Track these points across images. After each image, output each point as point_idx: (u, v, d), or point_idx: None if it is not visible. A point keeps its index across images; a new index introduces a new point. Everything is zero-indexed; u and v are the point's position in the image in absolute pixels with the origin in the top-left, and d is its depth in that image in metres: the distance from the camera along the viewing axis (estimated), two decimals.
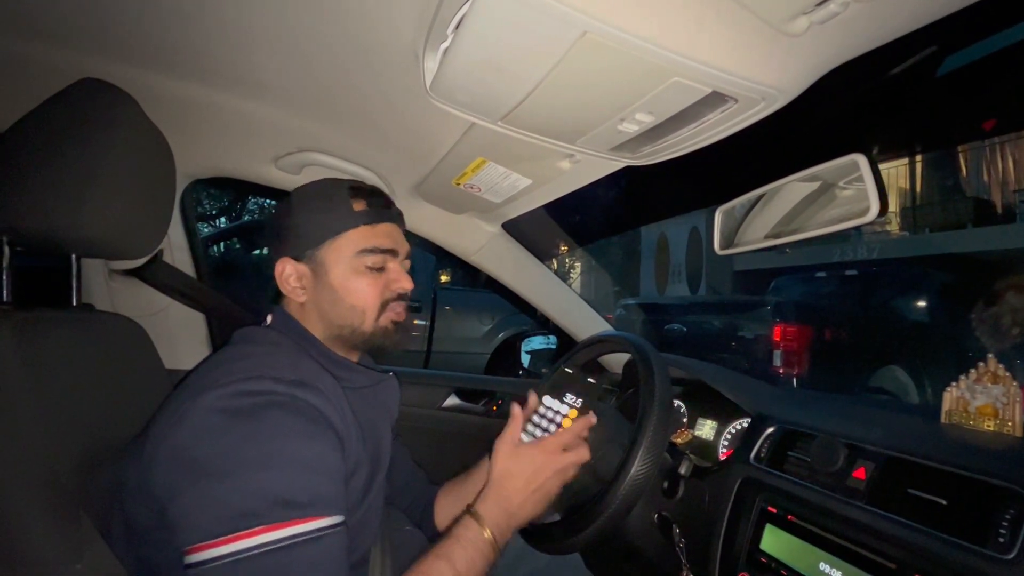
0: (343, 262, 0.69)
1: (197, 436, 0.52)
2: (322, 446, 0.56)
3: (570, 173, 0.82)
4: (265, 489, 0.50)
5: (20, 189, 0.59)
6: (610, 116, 0.57)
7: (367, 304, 0.69)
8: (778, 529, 0.71)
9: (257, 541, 0.48)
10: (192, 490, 0.50)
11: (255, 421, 0.53)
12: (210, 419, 0.53)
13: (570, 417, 0.80)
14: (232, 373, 0.56)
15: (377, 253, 0.70)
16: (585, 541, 0.75)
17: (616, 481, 0.73)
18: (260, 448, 0.52)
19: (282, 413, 0.55)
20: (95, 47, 0.74)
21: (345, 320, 0.69)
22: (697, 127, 0.58)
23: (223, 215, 8.45)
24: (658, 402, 0.76)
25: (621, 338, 0.96)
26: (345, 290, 0.69)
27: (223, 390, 0.54)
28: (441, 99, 0.60)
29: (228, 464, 0.51)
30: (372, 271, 0.70)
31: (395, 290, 0.72)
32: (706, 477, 0.84)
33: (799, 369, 3.76)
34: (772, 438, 0.81)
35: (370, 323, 0.70)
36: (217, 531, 0.48)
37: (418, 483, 0.95)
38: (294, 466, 0.53)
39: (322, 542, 0.51)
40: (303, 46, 0.69)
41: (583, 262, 11.42)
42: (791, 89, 0.52)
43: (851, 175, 0.65)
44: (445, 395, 1.42)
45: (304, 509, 0.51)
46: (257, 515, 0.49)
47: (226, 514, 0.49)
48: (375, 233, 0.70)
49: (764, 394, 0.99)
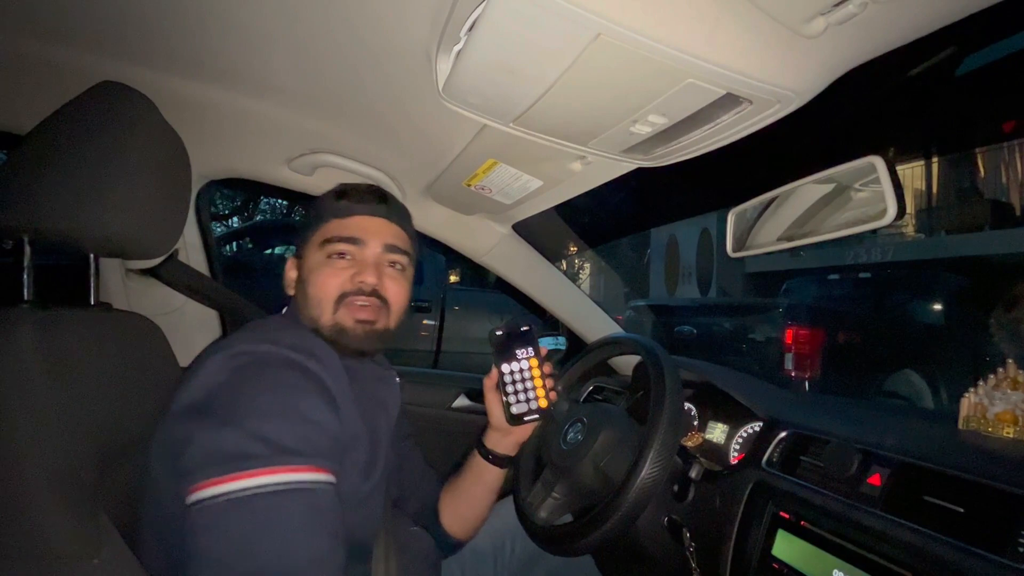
0: (312, 254, 0.73)
1: (204, 388, 0.57)
2: (317, 401, 0.58)
3: (581, 175, 0.81)
4: (264, 434, 0.53)
5: (41, 190, 0.60)
6: (623, 118, 0.57)
7: (323, 294, 0.70)
8: (790, 535, 0.70)
9: (257, 482, 0.50)
10: (198, 435, 0.53)
11: (256, 375, 0.57)
12: (215, 375, 0.57)
13: (534, 366, 0.85)
14: (236, 339, 0.61)
15: (336, 242, 0.71)
16: (595, 543, 0.75)
17: (627, 484, 0.73)
18: (261, 398, 0.55)
19: (280, 369, 0.58)
20: (114, 50, 0.75)
21: (310, 312, 0.71)
22: (711, 129, 0.57)
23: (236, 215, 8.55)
24: (669, 405, 0.76)
25: (631, 340, 0.96)
26: (310, 281, 0.71)
27: (227, 351, 0.59)
28: (453, 101, 0.61)
29: (229, 411, 0.54)
30: (334, 260, 0.71)
31: (356, 282, 0.70)
32: (717, 481, 0.83)
33: (811, 372, 3.72)
34: (785, 443, 0.80)
35: (328, 316, 0.69)
36: (216, 471, 0.51)
37: (428, 485, 0.95)
38: (292, 416, 0.55)
39: (318, 493, 0.53)
40: (317, 48, 0.69)
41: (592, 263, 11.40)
42: (807, 91, 0.51)
43: (867, 177, 0.64)
44: (455, 396, 1.42)
45: (300, 457, 0.53)
46: (255, 457, 0.51)
47: (225, 456, 0.51)
48: (343, 225, 0.73)
49: (776, 398, 0.98)
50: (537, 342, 0.86)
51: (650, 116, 0.55)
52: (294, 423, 0.55)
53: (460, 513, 0.92)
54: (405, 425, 0.96)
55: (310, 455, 0.54)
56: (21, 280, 0.62)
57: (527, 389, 0.84)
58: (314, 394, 0.59)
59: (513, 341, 0.86)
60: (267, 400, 0.55)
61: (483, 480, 0.90)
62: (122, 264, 1.00)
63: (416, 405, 1.37)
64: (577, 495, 0.85)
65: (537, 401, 0.84)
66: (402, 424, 0.94)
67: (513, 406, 0.83)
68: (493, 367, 0.86)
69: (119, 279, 1.01)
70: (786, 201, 0.75)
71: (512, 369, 0.85)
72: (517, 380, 0.84)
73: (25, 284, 0.62)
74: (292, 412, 0.56)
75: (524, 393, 0.84)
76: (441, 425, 1.38)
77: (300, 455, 0.53)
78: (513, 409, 0.83)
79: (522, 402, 0.84)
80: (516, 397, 0.84)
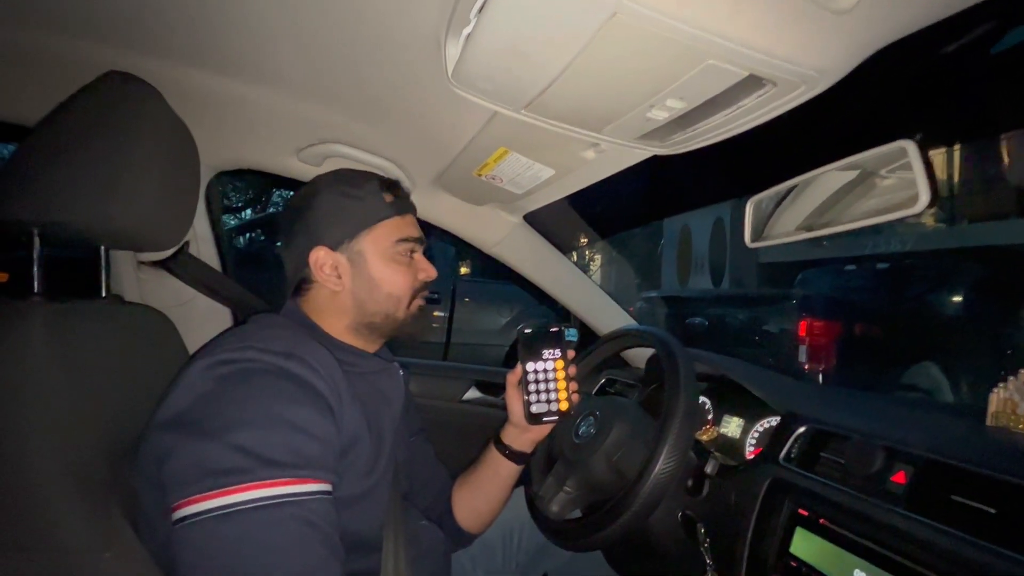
0: (379, 252, 0.72)
1: (186, 400, 0.55)
2: (308, 410, 0.56)
3: (594, 163, 0.79)
4: (249, 448, 0.51)
5: (49, 182, 0.60)
6: (639, 103, 0.55)
7: (402, 292, 0.73)
8: (809, 533, 0.68)
9: (242, 497, 0.49)
10: (180, 449, 0.52)
11: (241, 384, 0.55)
12: (198, 384, 0.55)
13: (559, 368, 0.83)
14: (222, 344, 0.59)
15: (410, 242, 0.74)
16: (607, 539, 0.74)
17: (640, 478, 0.71)
18: (245, 409, 0.53)
19: (267, 378, 0.56)
20: (119, 41, 0.74)
21: (380, 308, 0.73)
22: (731, 113, 0.55)
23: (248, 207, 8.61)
24: (683, 398, 0.74)
25: (645, 332, 0.94)
26: (383, 279, 0.72)
27: (210, 359, 0.57)
28: (463, 87, 0.59)
29: (214, 424, 0.52)
30: (405, 260, 0.74)
31: (422, 279, 0.76)
32: (733, 476, 0.81)
33: (826, 365, 3.66)
34: (803, 438, 0.78)
35: (403, 310, 0.74)
36: (203, 487, 0.49)
37: (440, 479, 0.95)
38: (279, 427, 0.53)
39: (308, 505, 0.52)
40: (324, 36, 0.68)
41: (603, 254, 11.31)
42: (834, 71, 0.48)
43: (895, 163, 0.61)
44: (465, 388, 1.41)
45: (289, 469, 0.52)
46: (243, 472, 0.50)
47: (212, 471, 0.50)
48: (405, 223, 0.75)
49: (794, 391, 0.95)
50: (565, 344, 0.85)
51: (668, 100, 0.53)
52: (281, 434, 0.53)
53: (474, 507, 0.92)
54: (416, 420, 0.96)
55: (299, 466, 0.53)
56: (31, 273, 0.62)
57: (549, 390, 0.83)
58: (303, 402, 0.56)
59: (541, 340, 0.85)
60: (252, 411, 0.53)
61: (499, 475, 0.90)
62: (134, 257, 1.00)
63: (426, 398, 1.37)
64: (589, 489, 0.84)
65: (558, 403, 0.82)
66: (412, 418, 0.94)
67: (533, 405, 0.82)
68: (518, 363, 0.85)
69: (131, 271, 1.01)
70: (807, 189, 0.73)
71: (536, 368, 0.83)
72: (540, 380, 0.83)
73: (35, 277, 0.62)
74: (279, 422, 0.54)
75: (546, 393, 0.83)
76: (452, 418, 1.38)
77: (288, 467, 0.52)
78: (533, 408, 0.82)
79: (543, 402, 0.82)
80: (537, 396, 0.83)
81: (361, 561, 0.66)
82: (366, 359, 0.75)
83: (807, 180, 0.71)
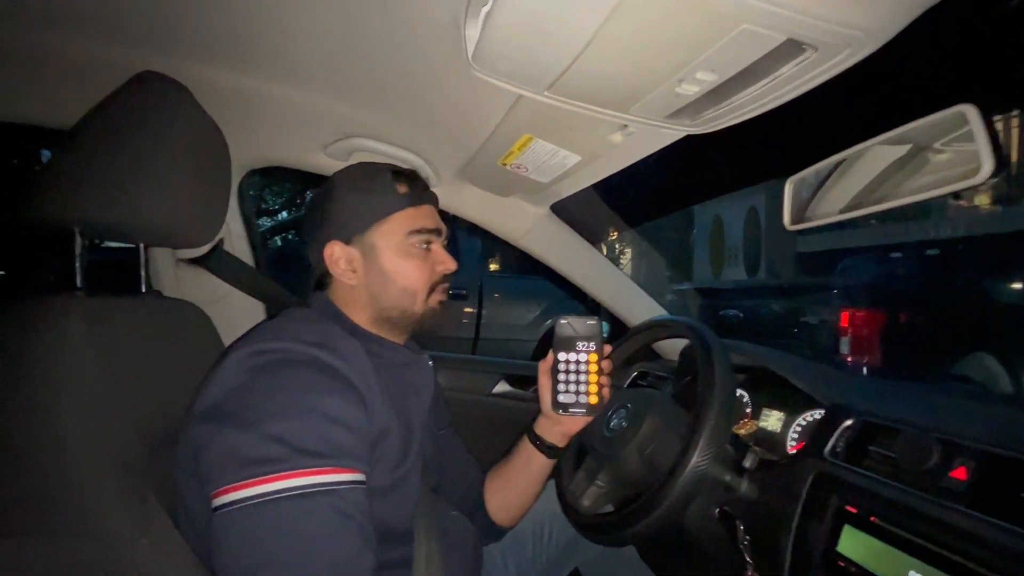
0: (392, 245, 0.70)
1: (221, 391, 0.56)
2: (341, 400, 0.57)
3: (622, 147, 0.76)
4: (284, 437, 0.52)
5: (87, 182, 0.62)
6: (667, 77, 0.52)
7: (418, 286, 0.71)
8: (858, 531, 0.64)
9: (277, 486, 0.50)
10: (217, 439, 0.53)
11: (274, 375, 0.56)
12: (232, 376, 0.56)
13: (592, 361, 0.81)
14: (255, 337, 0.60)
15: (424, 233, 0.71)
16: (641, 534, 0.71)
17: (674, 472, 0.69)
18: (279, 399, 0.54)
19: (299, 368, 0.57)
20: (148, 43, 0.76)
21: (396, 302, 0.71)
22: (768, 84, 0.51)
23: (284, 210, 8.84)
24: (719, 389, 0.71)
25: (677, 322, 0.91)
26: (396, 273, 0.70)
27: (244, 351, 0.58)
28: (484, 70, 0.57)
29: (249, 414, 0.53)
30: (420, 252, 0.72)
31: (440, 272, 0.74)
32: (773, 471, 0.78)
33: (869, 357, 3.49)
34: (850, 431, 0.73)
35: (420, 304, 0.72)
36: (239, 476, 0.50)
37: (471, 473, 0.95)
38: (312, 416, 0.54)
39: (342, 495, 0.52)
40: (345, 28, 0.68)
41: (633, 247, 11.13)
42: (883, 32, 0.44)
43: (952, 132, 0.56)
44: (495, 381, 1.41)
45: (324, 459, 0.52)
46: (277, 461, 0.51)
47: (247, 460, 0.51)
48: (420, 214, 0.72)
49: (838, 383, 0.90)
50: (602, 338, 0.82)
51: (698, 73, 0.50)
52: (315, 423, 0.54)
53: (506, 499, 0.91)
54: (445, 413, 0.96)
55: (333, 456, 0.53)
56: (74, 269, 0.64)
57: (579, 382, 0.81)
58: (336, 392, 0.57)
59: (577, 331, 0.82)
60: (286, 401, 0.54)
61: (530, 468, 0.89)
62: (173, 255, 1.03)
63: (455, 391, 1.37)
64: (621, 483, 0.82)
65: (587, 396, 0.80)
66: (442, 412, 0.94)
67: (560, 394, 0.81)
68: (551, 351, 0.83)
69: (170, 269, 1.04)
70: (853, 166, 0.68)
71: (569, 358, 0.81)
72: (571, 370, 0.81)
73: (77, 273, 0.64)
74: (312, 412, 0.54)
75: (575, 385, 0.81)
76: (481, 411, 1.37)
77: (322, 456, 0.52)
78: (560, 397, 0.81)
79: (571, 393, 0.81)
80: (566, 387, 0.81)
81: (392, 552, 0.66)
82: (395, 351, 0.75)
83: (853, 155, 0.66)
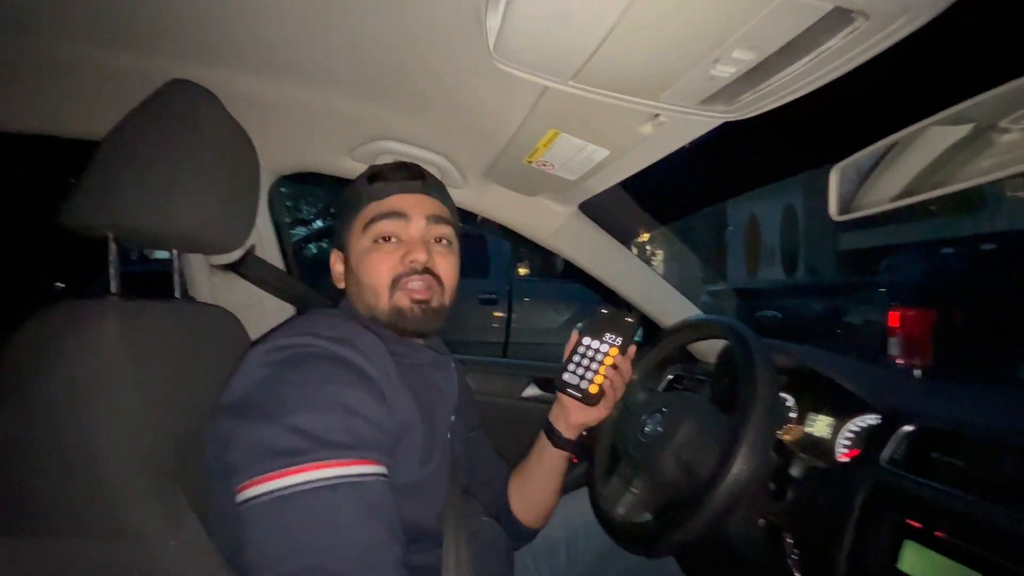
0: (357, 242, 0.71)
1: (244, 385, 0.57)
2: (361, 393, 0.57)
3: (653, 139, 0.73)
4: (307, 429, 0.52)
5: (119, 189, 0.63)
6: (701, 58, 0.48)
7: (378, 280, 0.69)
8: (922, 547, 0.59)
9: (301, 478, 0.50)
10: (241, 432, 0.53)
11: (296, 369, 0.56)
12: (255, 370, 0.57)
13: (611, 355, 0.79)
14: (278, 332, 0.61)
15: (379, 220, 0.69)
16: (679, 544, 0.68)
17: (715, 478, 0.65)
18: (301, 392, 0.54)
19: (320, 362, 0.57)
20: (175, 50, 0.77)
21: (366, 301, 0.70)
22: (812, 61, 0.47)
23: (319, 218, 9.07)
24: (762, 390, 0.67)
25: (714, 322, 0.87)
26: (360, 270, 0.70)
27: (267, 345, 0.59)
28: (507, 61, 0.56)
29: (271, 407, 0.53)
30: (381, 244, 0.69)
31: (408, 263, 0.68)
32: (823, 480, 0.73)
33: (922, 359, 3.28)
34: (910, 438, 0.68)
35: (384, 301, 0.69)
36: (262, 469, 0.50)
37: (499, 475, 0.93)
38: (334, 409, 0.54)
39: (365, 486, 0.52)
40: (367, 28, 0.67)
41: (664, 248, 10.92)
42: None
43: (1021, 109, 0.51)
44: (524, 385, 1.38)
45: (346, 451, 0.52)
46: (300, 453, 0.50)
47: (270, 452, 0.51)
48: (381, 205, 0.70)
49: (894, 385, 0.84)
50: (631, 336, 0.81)
51: (735, 52, 0.46)
52: (336, 415, 0.54)
53: (526, 495, 0.90)
54: (475, 416, 0.95)
55: (356, 447, 0.53)
56: (108, 274, 0.66)
57: (588, 368, 0.80)
58: (356, 385, 0.57)
59: (610, 323, 0.82)
60: (308, 393, 0.54)
61: (543, 460, 0.87)
62: (206, 261, 1.05)
63: (485, 395, 1.35)
64: (658, 491, 0.79)
65: (589, 384, 0.79)
66: (471, 414, 0.93)
67: (566, 373, 0.80)
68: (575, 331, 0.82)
69: (204, 276, 1.07)
70: (906, 149, 0.63)
71: (590, 344, 0.81)
72: (587, 355, 0.80)
73: (112, 278, 0.66)
74: (333, 404, 0.54)
75: (583, 369, 0.80)
76: (511, 414, 1.35)
77: (345, 448, 0.52)
78: (565, 375, 0.80)
79: (575, 375, 0.80)
80: (575, 367, 0.80)
81: (423, 556, 0.65)
82: (418, 351, 0.74)
83: (906, 138, 0.61)
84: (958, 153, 0.59)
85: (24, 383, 0.53)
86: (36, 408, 0.52)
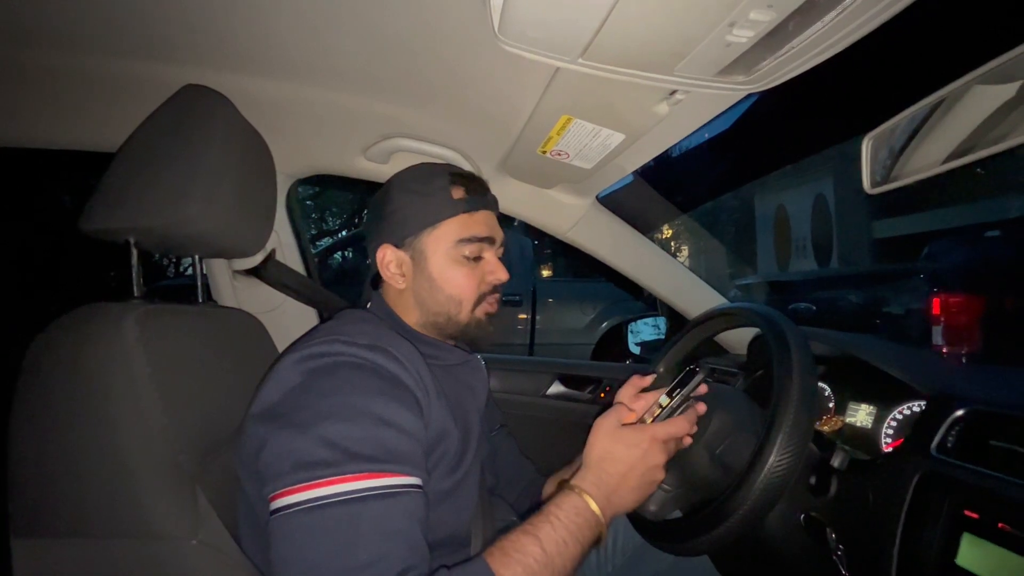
0: (441, 251, 0.69)
1: (277, 392, 0.56)
2: (396, 404, 0.56)
3: (670, 119, 0.70)
4: (336, 441, 0.51)
5: (139, 195, 0.64)
6: (716, 22, 0.46)
7: (464, 295, 0.70)
8: (982, 540, 0.54)
9: (328, 491, 0.49)
10: (273, 441, 0.53)
11: (329, 378, 0.55)
12: (288, 377, 0.56)
13: (662, 405, 0.67)
14: (311, 338, 0.60)
15: (475, 242, 0.70)
16: (716, 542, 0.64)
17: (751, 474, 0.61)
18: (333, 401, 0.54)
19: (354, 371, 0.56)
20: (186, 57, 0.78)
21: (442, 308, 0.70)
22: (835, 19, 0.44)
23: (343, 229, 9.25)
24: (799, 379, 0.63)
25: (744, 309, 0.83)
26: (443, 280, 0.69)
27: (300, 352, 0.58)
28: (513, 41, 0.54)
29: (303, 416, 0.53)
30: (469, 261, 0.70)
31: (490, 282, 0.72)
32: (868, 472, 0.68)
33: (969, 347, 3.11)
34: (962, 424, 0.63)
35: (466, 314, 0.71)
36: (293, 480, 0.50)
37: (526, 475, 0.92)
38: (364, 420, 0.53)
39: (396, 499, 0.51)
40: (374, 24, 0.67)
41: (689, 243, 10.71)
42: None
43: None
44: (549, 382, 1.36)
45: (376, 463, 0.51)
46: (331, 465, 0.50)
47: (301, 464, 0.51)
48: (473, 221, 0.70)
49: (940, 369, 0.79)
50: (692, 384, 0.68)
51: (752, 12, 0.44)
52: (366, 427, 0.53)
53: None
54: (496, 415, 0.94)
55: (386, 460, 0.52)
56: (131, 278, 0.67)
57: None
58: (391, 396, 0.56)
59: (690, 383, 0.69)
60: (340, 403, 0.54)
61: None
62: (228, 265, 1.07)
63: (510, 393, 1.34)
64: (691, 486, 0.75)
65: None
66: (493, 414, 0.91)
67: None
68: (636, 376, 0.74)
69: (227, 281, 1.08)
70: (947, 113, 0.58)
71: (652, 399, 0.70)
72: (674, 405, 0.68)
73: (134, 282, 0.67)
74: (364, 416, 0.54)
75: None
76: (536, 412, 1.33)
77: (374, 461, 0.52)
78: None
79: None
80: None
81: (451, 557, 0.64)
82: (449, 351, 0.74)
83: (946, 101, 0.57)
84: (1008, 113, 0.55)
85: (49, 385, 0.54)
86: (60, 410, 0.53)
